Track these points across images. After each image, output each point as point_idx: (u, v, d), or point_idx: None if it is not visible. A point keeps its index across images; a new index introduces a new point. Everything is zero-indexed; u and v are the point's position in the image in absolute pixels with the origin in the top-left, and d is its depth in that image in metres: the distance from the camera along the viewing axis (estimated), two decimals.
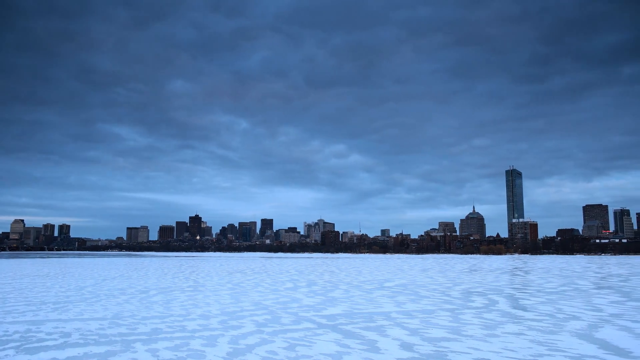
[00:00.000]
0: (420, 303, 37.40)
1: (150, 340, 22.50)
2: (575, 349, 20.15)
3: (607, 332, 24.29)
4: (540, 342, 21.55)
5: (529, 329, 25.02)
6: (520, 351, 19.84)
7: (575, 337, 22.78)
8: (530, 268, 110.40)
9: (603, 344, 21.31)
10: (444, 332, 24.29)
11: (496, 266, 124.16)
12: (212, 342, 21.97)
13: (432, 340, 22.24)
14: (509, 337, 22.82)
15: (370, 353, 19.76)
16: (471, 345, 21.17)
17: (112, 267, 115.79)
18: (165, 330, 25.02)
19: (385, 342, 21.84)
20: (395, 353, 19.75)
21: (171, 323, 27.53)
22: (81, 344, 21.48)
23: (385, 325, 26.50)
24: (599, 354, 19.43)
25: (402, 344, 21.42)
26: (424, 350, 20.28)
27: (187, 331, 24.89)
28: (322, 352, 19.86)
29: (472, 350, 20.07)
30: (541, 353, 19.48)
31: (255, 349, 20.64)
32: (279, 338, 22.90)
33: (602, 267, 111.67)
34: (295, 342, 21.89)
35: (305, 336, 23.44)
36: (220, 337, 23.30)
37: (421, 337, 23.14)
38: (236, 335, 23.76)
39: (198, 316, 30.36)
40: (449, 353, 19.67)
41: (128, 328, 25.77)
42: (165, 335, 23.60)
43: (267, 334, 24.08)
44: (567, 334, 23.57)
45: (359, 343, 21.74)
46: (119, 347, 20.89)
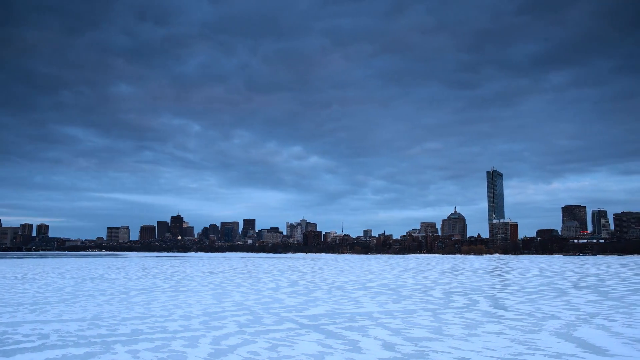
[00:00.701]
0: (402, 303, 37.60)
1: (131, 341, 22.25)
2: (554, 348, 20.44)
3: (584, 330, 24.68)
4: (519, 341, 21.81)
5: (509, 328, 25.31)
6: (500, 350, 20.06)
7: (554, 336, 23.11)
8: (511, 268, 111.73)
9: (581, 342, 21.65)
10: (425, 332, 24.45)
11: (477, 266, 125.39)
12: (194, 343, 21.81)
13: (413, 340, 22.37)
14: (489, 337, 23.06)
15: (352, 353, 19.80)
16: (452, 344, 21.34)
17: (92, 267, 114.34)
18: (146, 331, 24.77)
19: (367, 342, 21.91)
20: (377, 353, 19.81)
21: (152, 324, 27.28)
22: (60, 346, 21.16)
23: (367, 325, 26.59)
24: (576, 352, 19.73)
25: (384, 344, 21.51)
26: (405, 350, 20.38)
27: (168, 332, 24.68)
28: (304, 353, 19.85)
29: (453, 350, 20.23)
30: (521, 352, 19.72)
31: (237, 349, 20.55)
32: (261, 338, 22.82)
33: (580, 267, 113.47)
34: (277, 343, 21.85)
35: (287, 336, 23.40)
36: (201, 337, 23.15)
37: (403, 337, 23.26)
38: (218, 336, 23.62)
39: (179, 317, 30.12)
40: (430, 353, 19.81)
41: (108, 329, 25.47)
42: (146, 336, 23.37)
43: (249, 334, 23.99)
44: (546, 333, 23.90)
45: (341, 343, 21.77)
46: (99, 349, 20.63)
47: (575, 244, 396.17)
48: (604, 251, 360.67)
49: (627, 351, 19.87)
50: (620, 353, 19.52)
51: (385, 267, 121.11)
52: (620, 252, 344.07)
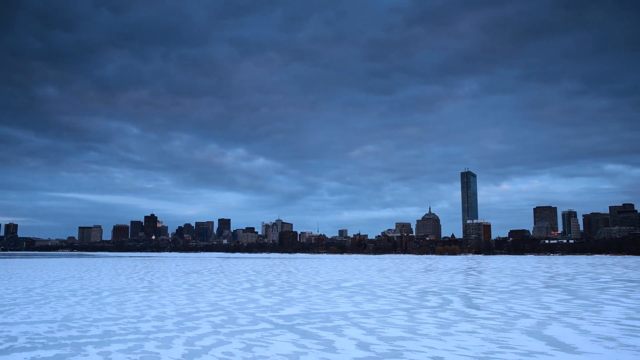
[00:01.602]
0: (377, 303, 37.82)
1: (102, 342, 21.90)
2: (525, 346, 20.82)
3: (554, 329, 25.20)
4: (492, 340, 22.16)
5: (482, 327, 25.68)
6: (473, 349, 20.35)
7: (525, 335, 23.54)
8: (484, 268, 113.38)
9: (551, 340, 22.10)
10: (400, 331, 24.64)
11: (451, 266, 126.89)
12: (167, 344, 21.58)
13: (388, 340, 22.52)
14: (462, 336, 23.36)
15: (327, 353, 19.84)
16: (426, 343, 21.56)
17: (63, 267, 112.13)
18: (118, 333, 24.41)
19: (342, 342, 21.98)
20: (351, 352, 19.89)
21: (124, 325, 26.89)
22: (28, 348, 20.71)
23: (342, 325, 26.67)
24: (546, 350, 20.13)
25: (358, 344, 21.61)
26: (380, 349, 20.51)
27: (141, 333, 24.36)
28: (279, 353, 19.82)
29: (427, 349, 20.44)
30: (493, 350, 20.03)
31: (212, 350, 20.40)
32: (236, 339, 22.71)
33: (550, 267, 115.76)
34: (252, 343, 21.76)
35: (262, 337, 23.33)
36: (175, 338, 22.91)
37: (377, 336, 23.40)
38: (192, 336, 23.42)
39: (153, 317, 29.76)
40: (404, 352, 19.97)
41: (79, 331, 25.02)
42: (118, 338, 23.03)
43: (223, 334, 23.84)
44: (517, 332, 24.32)
45: (315, 343, 21.80)
46: (69, 351, 20.25)
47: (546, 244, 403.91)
48: (573, 251, 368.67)
49: (594, 348, 20.36)
50: (588, 350, 19.99)
51: (361, 267, 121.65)
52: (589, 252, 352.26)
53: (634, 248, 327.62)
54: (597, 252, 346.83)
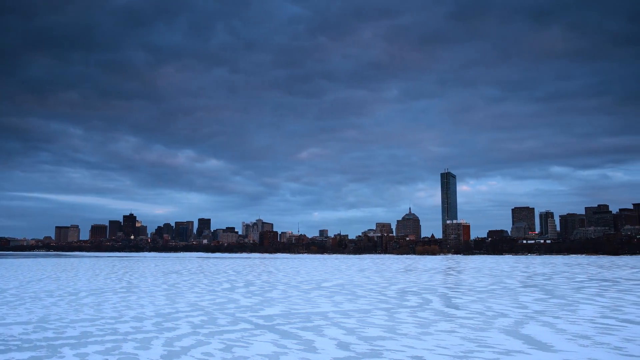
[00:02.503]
0: (357, 303, 37.94)
1: (79, 344, 21.59)
2: (503, 345, 21.09)
3: (531, 328, 25.57)
4: (470, 339, 22.40)
5: (461, 327, 25.94)
6: (452, 348, 20.54)
7: (503, 334, 23.84)
8: (463, 268, 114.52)
9: (528, 339, 22.42)
10: (379, 331, 24.76)
11: (430, 266, 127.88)
12: (146, 345, 21.36)
13: (368, 339, 22.61)
14: (441, 335, 23.56)
15: (307, 353, 19.84)
16: (406, 343, 21.70)
17: (39, 268, 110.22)
18: (96, 334, 24.09)
19: (322, 342, 22.00)
20: (331, 352, 19.93)
21: (102, 326, 26.55)
22: (2, 351, 20.31)
23: (323, 325, 26.70)
24: (524, 348, 20.42)
25: (338, 344, 21.65)
26: (360, 349, 20.58)
27: (119, 334, 24.07)
28: (259, 353, 19.76)
29: (406, 349, 20.58)
30: (471, 349, 20.25)
31: (191, 350, 20.25)
32: (215, 339, 22.57)
33: (528, 267, 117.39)
34: (232, 343, 21.66)
35: (242, 337, 23.23)
36: (154, 339, 22.69)
37: (357, 336, 23.48)
38: (171, 337, 23.21)
39: (131, 318, 29.44)
40: (384, 351, 20.07)
41: (55, 332, 24.63)
42: (96, 339, 22.72)
43: (203, 335, 23.68)
44: (495, 331, 24.62)
45: (296, 343, 21.78)
46: (45, 353, 19.92)
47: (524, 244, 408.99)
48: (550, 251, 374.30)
49: (570, 347, 20.71)
50: (564, 349, 20.33)
51: (341, 267, 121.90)
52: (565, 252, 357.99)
53: (608, 248, 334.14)
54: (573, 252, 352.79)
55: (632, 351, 19.84)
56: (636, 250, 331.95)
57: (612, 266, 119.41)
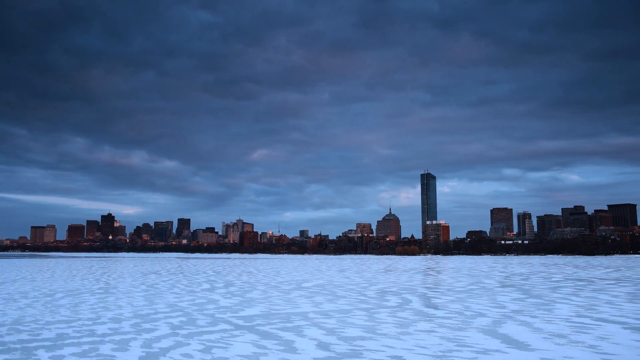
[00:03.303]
0: (337, 303, 38.02)
1: (55, 346, 21.24)
2: (481, 344, 21.33)
3: (509, 327, 25.91)
4: (449, 339, 22.61)
5: (440, 326, 26.17)
6: (431, 348, 20.71)
7: (481, 333, 24.11)
8: (442, 268, 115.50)
9: (505, 338, 22.72)
10: (359, 331, 24.84)
11: (410, 266, 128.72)
12: (124, 346, 21.11)
13: (348, 339, 22.67)
14: (421, 335, 23.74)
15: (287, 353, 19.82)
16: (385, 343, 21.81)
17: (13, 268, 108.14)
18: (72, 336, 23.72)
19: (302, 342, 21.99)
20: (311, 353, 19.93)
21: (79, 327, 26.16)
22: None
23: (303, 326, 26.70)
24: (501, 348, 20.68)
25: (318, 344, 21.67)
26: (340, 349, 20.63)
27: (96, 335, 23.75)
28: (239, 354, 19.67)
29: (386, 348, 20.68)
30: (450, 349, 20.44)
31: (170, 352, 20.07)
32: (195, 340, 22.41)
33: (506, 267, 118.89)
34: (211, 344, 21.52)
35: (221, 338, 23.10)
36: (132, 340, 22.43)
37: (337, 336, 23.53)
38: (149, 338, 22.97)
39: (109, 319, 29.06)
40: (364, 351, 20.15)
41: (30, 334, 24.19)
42: (72, 341, 22.37)
43: (182, 336, 23.48)
44: (474, 330, 24.89)
45: (276, 344, 21.74)
46: (19, 355, 19.55)
47: (502, 244, 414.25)
48: (528, 251, 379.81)
49: (546, 345, 21.04)
50: (540, 347, 20.64)
51: (321, 267, 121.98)
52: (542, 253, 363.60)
53: (584, 248, 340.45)
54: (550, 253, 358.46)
55: (607, 349, 20.24)
56: (610, 250, 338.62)
57: (587, 266, 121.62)
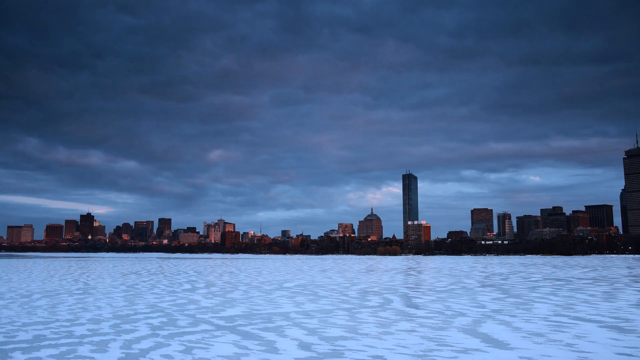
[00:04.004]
0: (319, 303, 38.04)
1: (32, 348, 20.89)
2: (461, 344, 21.53)
3: (489, 326, 26.19)
4: (430, 338, 22.77)
5: (421, 326, 26.34)
6: (412, 347, 20.84)
7: (462, 332, 24.33)
8: (423, 268, 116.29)
9: (485, 337, 22.96)
10: (341, 331, 24.88)
11: (392, 266, 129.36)
12: (103, 348, 20.85)
13: (329, 339, 22.69)
14: (402, 334, 23.87)
15: (269, 354, 19.77)
16: (367, 343, 21.89)
17: None
18: (50, 337, 23.36)
19: (283, 342, 21.96)
20: (293, 353, 19.91)
21: (56, 329, 25.77)
22: None
23: (284, 326, 26.66)
24: (481, 347, 20.90)
25: (300, 344, 21.66)
26: (321, 349, 20.64)
27: (74, 337, 23.41)
28: (220, 354, 19.56)
29: (367, 348, 20.75)
30: (431, 348, 20.60)
31: (150, 353, 19.88)
32: (175, 341, 22.23)
33: (486, 267, 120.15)
34: (192, 345, 21.37)
35: (202, 338, 22.95)
36: (111, 342, 22.17)
37: (319, 336, 23.54)
38: (129, 339, 22.72)
39: (87, 320, 28.68)
40: (345, 351, 20.19)
41: (5, 336, 23.75)
42: (49, 342, 22.03)
43: (162, 337, 23.28)
44: (454, 330, 25.11)
45: (257, 344, 21.67)
46: None
47: (482, 245, 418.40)
48: (507, 252, 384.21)
49: (525, 344, 21.32)
50: (519, 346, 20.91)
51: (303, 267, 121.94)
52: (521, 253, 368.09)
53: (562, 249, 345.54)
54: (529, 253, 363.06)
55: (583, 347, 20.58)
56: (588, 250, 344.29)
57: (565, 266, 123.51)
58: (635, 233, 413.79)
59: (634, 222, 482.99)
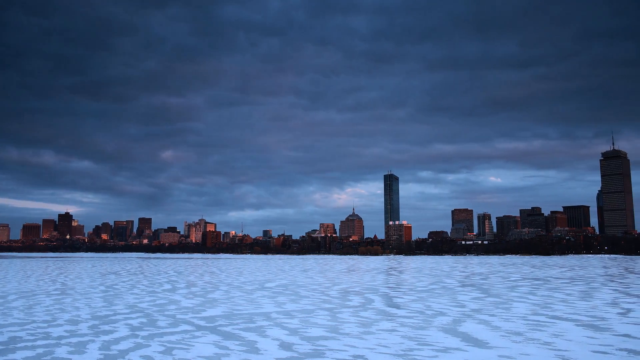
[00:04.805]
0: (300, 303, 38.02)
1: (7, 350, 20.51)
2: (442, 343, 21.70)
3: (469, 326, 26.45)
4: (411, 338, 22.91)
5: (402, 326, 26.50)
6: (393, 347, 20.94)
7: (442, 332, 24.54)
8: (404, 268, 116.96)
9: (465, 337, 23.18)
10: (322, 331, 24.90)
11: (373, 266, 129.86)
12: (81, 349, 20.56)
13: (310, 339, 22.69)
14: (383, 334, 23.98)
15: (250, 354, 19.70)
16: (348, 342, 21.94)
17: None
18: (26, 338, 22.95)
19: (264, 343, 21.90)
20: (274, 353, 19.87)
21: (33, 330, 25.34)
22: None
23: (265, 326, 26.59)
24: (461, 346, 21.10)
25: (281, 344, 21.62)
26: (302, 349, 20.63)
27: (51, 338, 23.04)
28: (200, 355, 19.43)
29: (348, 348, 20.80)
30: (411, 347, 20.73)
31: (129, 353, 19.66)
32: (155, 342, 22.01)
33: (466, 267, 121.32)
34: (172, 346, 21.19)
35: (182, 339, 22.77)
36: (90, 343, 21.87)
37: (300, 336, 23.53)
38: (108, 340, 22.44)
39: (65, 321, 28.26)
40: (326, 351, 20.21)
41: None
42: (26, 344, 21.65)
43: (142, 338, 23.03)
44: (434, 329, 25.30)
45: (238, 344, 21.57)
46: None
47: (462, 245, 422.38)
48: (487, 252, 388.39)
49: (504, 343, 21.58)
50: (498, 345, 21.15)
51: (284, 267, 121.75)
52: (501, 253, 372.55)
53: (540, 249, 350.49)
54: (508, 253, 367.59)
55: (560, 346, 20.90)
56: (565, 250, 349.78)
57: (543, 266, 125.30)
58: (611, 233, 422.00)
59: (610, 222, 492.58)
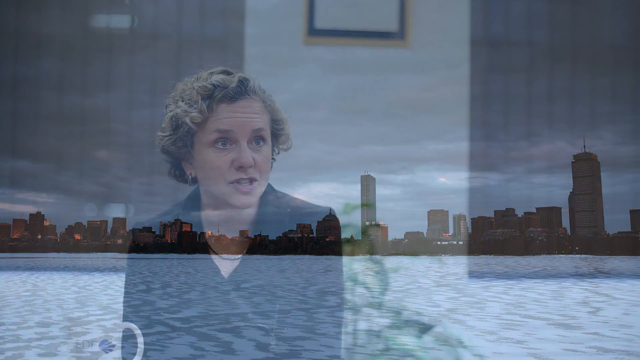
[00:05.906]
0: (277, 303, 37.95)
1: None
2: (417, 342, 21.89)
3: (444, 325, 26.75)
4: (387, 337, 23.07)
5: (378, 326, 26.65)
6: (368, 346, 21.05)
7: (418, 331, 24.76)
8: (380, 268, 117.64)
9: (440, 336, 23.44)
10: (299, 331, 24.87)
11: (349, 267, 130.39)
12: (52, 352, 20.21)
13: (287, 340, 22.65)
14: (359, 334, 24.09)
15: (225, 355, 19.54)
16: (324, 342, 21.93)
17: None
18: None
19: (240, 343, 21.77)
20: (250, 354, 19.75)
21: (1, 333, 24.83)
22: None
23: (241, 327, 26.46)
24: (435, 345, 21.31)
25: (257, 344, 21.50)
26: (279, 349, 20.56)
27: (21, 341, 22.59)
28: (175, 356, 19.22)
29: (324, 348, 20.77)
30: (388, 347, 20.87)
31: (102, 355, 19.37)
32: (129, 343, 21.74)
33: (441, 267, 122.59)
34: (147, 347, 20.92)
35: (157, 340, 22.45)
36: (61, 345, 21.52)
37: (276, 336, 23.48)
38: (80, 342, 22.08)
39: (36, 324, 27.73)
40: (302, 351, 20.17)
41: None
42: None
43: (115, 339, 22.72)
44: (410, 329, 25.52)
45: (213, 345, 21.40)
46: None
47: (438, 245, 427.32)
48: (462, 252, 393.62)
49: (478, 342, 21.88)
50: (472, 344, 21.40)
51: (261, 267, 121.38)
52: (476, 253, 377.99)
53: (514, 249, 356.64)
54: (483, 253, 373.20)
55: (533, 344, 21.30)
56: (538, 250, 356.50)
57: (517, 266, 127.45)
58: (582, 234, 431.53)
59: (580, 223, 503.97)
